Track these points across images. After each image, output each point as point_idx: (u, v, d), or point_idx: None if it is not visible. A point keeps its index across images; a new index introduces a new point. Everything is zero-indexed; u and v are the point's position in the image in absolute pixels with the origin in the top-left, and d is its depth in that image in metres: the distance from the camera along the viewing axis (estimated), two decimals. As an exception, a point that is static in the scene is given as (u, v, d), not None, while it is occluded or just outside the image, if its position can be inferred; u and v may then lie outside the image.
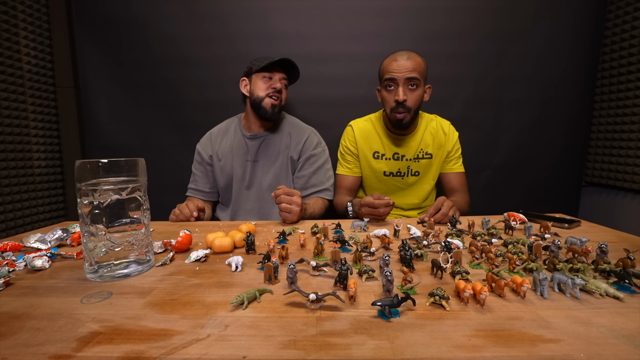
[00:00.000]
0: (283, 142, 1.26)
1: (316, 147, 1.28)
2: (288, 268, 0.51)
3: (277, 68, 1.20)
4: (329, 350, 0.37)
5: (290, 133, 1.28)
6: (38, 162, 1.51)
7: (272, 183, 1.25)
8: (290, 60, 1.17)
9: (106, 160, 0.56)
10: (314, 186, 1.25)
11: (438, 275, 0.57)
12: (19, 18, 1.41)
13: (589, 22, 1.55)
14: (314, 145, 1.28)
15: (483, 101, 1.60)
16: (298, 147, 1.26)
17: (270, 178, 1.25)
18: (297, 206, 0.97)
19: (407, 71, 1.10)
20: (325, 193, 1.26)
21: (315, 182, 1.26)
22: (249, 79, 1.22)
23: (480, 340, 0.38)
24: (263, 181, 1.26)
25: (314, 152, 1.27)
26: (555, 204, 1.69)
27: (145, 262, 0.62)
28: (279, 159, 1.26)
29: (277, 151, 1.26)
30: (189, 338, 0.39)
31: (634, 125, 1.46)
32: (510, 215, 0.93)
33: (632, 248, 0.68)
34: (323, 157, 1.30)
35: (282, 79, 1.21)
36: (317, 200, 1.22)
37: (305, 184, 1.25)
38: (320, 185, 1.26)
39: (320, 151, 1.29)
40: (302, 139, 1.27)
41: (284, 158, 1.26)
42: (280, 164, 1.26)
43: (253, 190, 1.27)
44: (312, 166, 1.26)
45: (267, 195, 1.25)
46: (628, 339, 0.38)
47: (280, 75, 1.20)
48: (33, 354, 0.37)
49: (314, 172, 1.26)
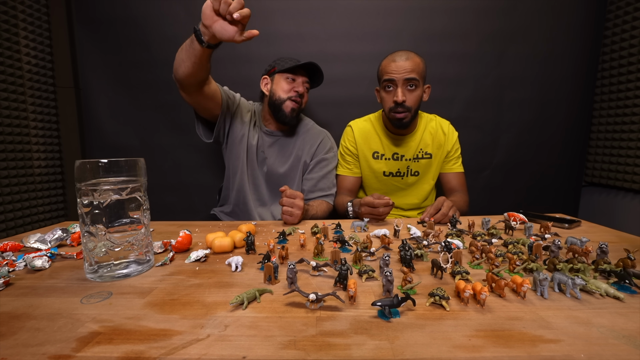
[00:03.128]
0: (297, 145, 1.26)
1: (328, 152, 1.29)
2: (288, 268, 0.51)
3: (301, 71, 1.18)
4: (329, 350, 0.37)
5: (305, 137, 1.28)
6: (38, 162, 1.51)
7: (280, 181, 1.25)
8: (316, 65, 1.16)
9: (106, 160, 0.56)
10: (321, 190, 1.26)
11: (438, 276, 0.57)
12: (19, 18, 1.41)
13: (589, 22, 1.55)
14: (327, 149, 1.29)
15: (483, 101, 1.60)
16: (311, 150, 1.27)
17: (278, 177, 1.25)
18: (299, 209, 0.96)
19: (406, 72, 1.10)
20: (331, 198, 1.27)
21: (323, 187, 1.26)
22: (270, 78, 1.20)
23: (480, 341, 0.38)
24: (272, 177, 1.24)
25: (325, 156, 1.28)
26: (555, 204, 1.69)
27: (145, 262, 0.62)
28: (289, 161, 1.25)
29: (290, 153, 1.26)
30: (189, 338, 0.39)
31: (634, 125, 1.46)
32: (510, 215, 0.93)
33: (633, 248, 0.68)
34: (334, 162, 1.30)
35: (304, 82, 1.19)
36: (321, 202, 1.22)
37: (313, 187, 1.25)
38: (327, 190, 1.27)
39: (332, 156, 1.30)
40: (316, 142, 1.27)
41: (296, 160, 1.26)
42: (291, 166, 1.25)
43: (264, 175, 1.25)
44: (322, 170, 1.27)
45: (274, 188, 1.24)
46: (628, 340, 0.38)
47: (303, 78, 1.19)
48: (33, 354, 0.37)
49: (323, 177, 1.27)
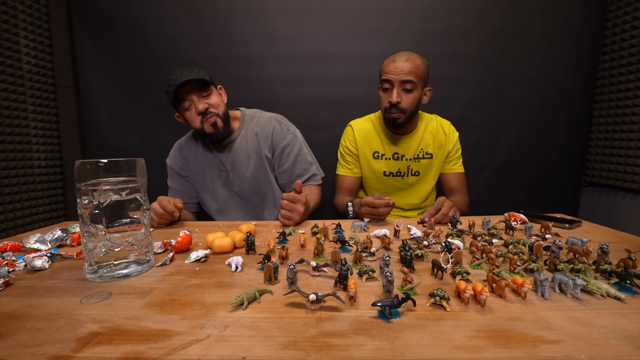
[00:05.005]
0: (250, 143, 1.19)
1: (286, 137, 1.20)
2: (288, 268, 0.51)
3: (187, 88, 1.03)
4: (329, 351, 0.37)
5: (256, 131, 1.19)
6: (38, 162, 1.51)
7: (252, 187, 1.21)
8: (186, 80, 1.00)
9: (106, 160, 0.56)
10: (300, 176, 1.20)
11: (438, 276, 0.57)
12: (19, 18, 1.41)
13: (589, 22, 1.55)
14: (282, 134, 1.20)
15: (483, 101, 1.60)
16: (267, 143, 1.19)
17: (250, 182, 1.21)
18: (298, 215, 0.93)
19: (403, 74, 1.09)
20: (314, 179, 1.22)
21: (300, 172, 1.21)
22: (179, 113, 1.12)
23: (480, 341, 0.38)
24: (244, 185, 1.22)
25: (285, 142, 1.19)
26: (555, 204, 1.69)
27: (145, 263, 0.62)
28: (251, 162, 1.19)
29: (247, 154, 1.19)
30: (189, 338, 0.39)
31: (634, 125, 1.46)
32: (510, 216, 0.93)
33: (633, 248, 0.67)
34: (297, 144, 1.21)
35: (198, 97, 1.05)
36: (310, 189, 1.18)
37: (290, 177, 1.21)
38: (306, 174, 1.21)
39: (292, 138, 1.20)
40: (269, 133, 1.19)
41: (257, 159, 1.19)
42: (255, 166, 1.19)
43: (236, 194, 1.24)
44: (290, 157, 1.20)
45: (250, 196, 1.23)
46: (629, 340, 0.38)
47: (195, 95, 1.04)
48: (32, 355, 0.36)
49: (294, 163, 1.20)
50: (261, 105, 1.36)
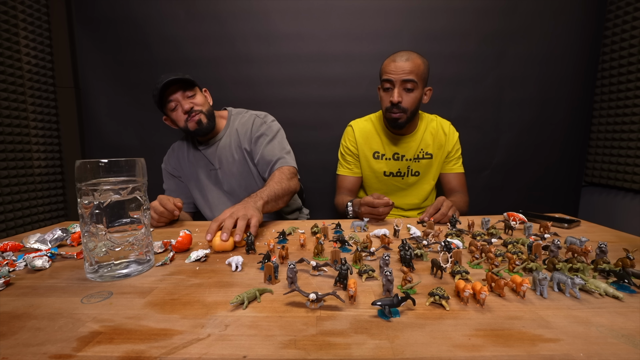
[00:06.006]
0: (234, 139, 1.23)
1: (260, 127, 1.21)
2: (288, 268, 0.51)
3: (172, 89, 1.09)
4: (329, 349, 0.37)
5: (237, 128, 1.23)
6: (38, 162, 1.51)
7: (240, 183, 1.23)
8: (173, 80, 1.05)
9: (106, 160, 0.56)
10: (269, 162, 1.16)
11: (438, 275, 0.57)
12: (19, 18, 1.41)
13: (589, 22, 1.55)
14: (258, 126, 1.22)
15: (483, 101, 1.60)
16: (247, 137, 1.21)
17: (237, 178, 1.23)
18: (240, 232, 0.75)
19: (404, 73, 1.09)
20: (281, 162, 1.15)
21: (269, 155, 1.16)
22: (167, 115, 1.17)
23: (480, 340, 0.38)
24: (232, 182, 1.24)
25: (259, 132, 1.20)
26: (555, 203, 1.70)
27: (145, 262, 0.62)
28: (236, 158, 1.22)
29: (231, 151, 1.22)
30: (189, 338, 0.39)
31: (634, 125, 1.46)
32: (510, 215, 0.93)
33: (632, 248, 0.68)
34: (271, 132, 1.21)
35: (183, 97, 1.10)
36: (273, 177, 1.06)
37: (263, 165, 1.19)
38: (274, 157, 1.16)
39: (266, 128, 1.21)
40: (249, 127, 1.22)
41: (240, 154, 1.22)
42: (239, 162, 1.22)
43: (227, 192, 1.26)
44: (262, 144, 1.19)
45: (240, 193, 1.23)
46: (627, 339, 0.38)
47: (179, 95, 1.09)
48: (33, 354, 0.37)
49: (265, 148, 1.18)
50: (261, 106, 1.37)
